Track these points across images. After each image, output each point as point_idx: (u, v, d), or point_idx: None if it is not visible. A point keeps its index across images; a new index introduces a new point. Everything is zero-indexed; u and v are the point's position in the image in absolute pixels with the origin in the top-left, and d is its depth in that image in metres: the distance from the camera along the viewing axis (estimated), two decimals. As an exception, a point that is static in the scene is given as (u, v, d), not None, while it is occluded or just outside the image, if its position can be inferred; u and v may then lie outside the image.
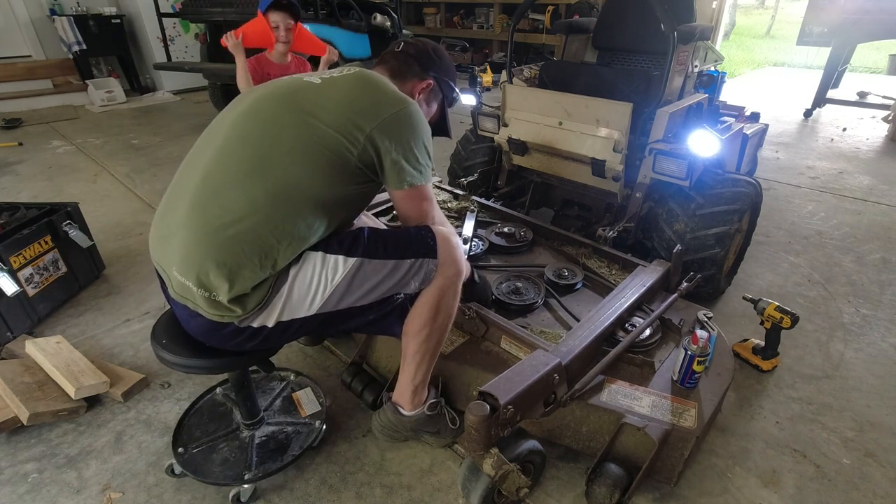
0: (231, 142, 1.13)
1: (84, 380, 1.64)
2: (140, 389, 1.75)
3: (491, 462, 1.17)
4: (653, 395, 1.42)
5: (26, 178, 3.71)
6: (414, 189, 1.21)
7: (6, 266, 1.91)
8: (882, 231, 2.95)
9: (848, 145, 4.53)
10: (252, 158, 1.10)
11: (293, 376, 1.71)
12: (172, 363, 1.19)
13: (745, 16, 16.02)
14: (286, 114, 1.13)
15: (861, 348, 1.99)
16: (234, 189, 1.08)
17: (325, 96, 1.15)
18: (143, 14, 6.03)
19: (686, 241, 1.98)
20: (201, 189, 1.09)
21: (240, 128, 1.14)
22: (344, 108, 1.13)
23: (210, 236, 1.06)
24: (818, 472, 1.48)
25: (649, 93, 2.17)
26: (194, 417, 1.57)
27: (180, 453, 1.44)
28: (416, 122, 1.19)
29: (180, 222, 1.10)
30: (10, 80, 5.64)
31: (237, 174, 1.09)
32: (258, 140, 1.11)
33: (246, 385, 1.43)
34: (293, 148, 1.09)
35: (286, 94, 1.17)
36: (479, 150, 2.79)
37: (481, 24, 7.76)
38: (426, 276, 1.25)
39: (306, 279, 1.14)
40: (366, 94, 1.17)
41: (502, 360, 1.52)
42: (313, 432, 1.51)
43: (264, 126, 1.13)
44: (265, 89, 1.21)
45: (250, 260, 1.06)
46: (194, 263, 1.07)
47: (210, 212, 1.07)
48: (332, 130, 1.11)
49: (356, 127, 1.11)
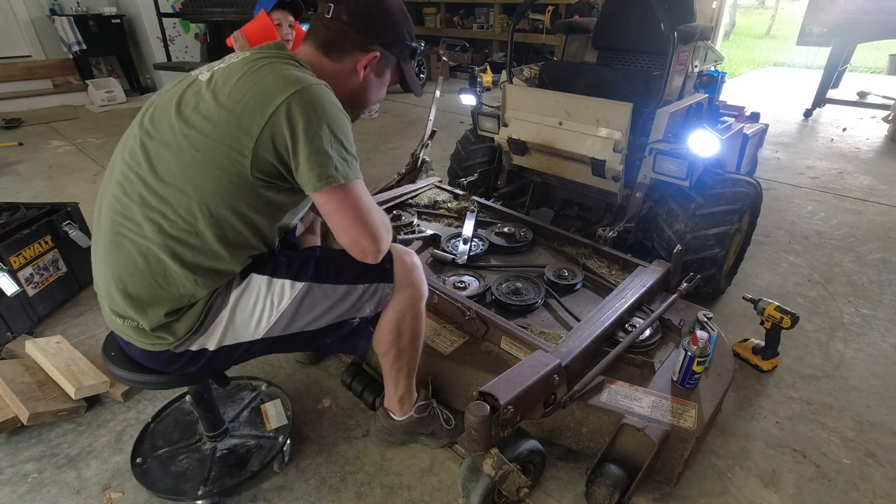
0: (127, 164, 1.03)
1: (84, 380, 1.64)
2: (140, 389, 1.75)
3: (491, 462, 1.17)
4: (653, 395, 1.42)
5: (26, 178, 3.71)
6: (336, 189, 0.99)
7: (6, 266, 1.91)
8: (882, 231, 2.95)
9: (848, 145, 4.53)
10: (145, 185, 0.99)
11: (265, 386, 1.67)
12: (123, 378, 1.13)
13: (745, 16, 16.02)
14: (167, 132, 1.00)
15: (861, 348, 1.99)
16: (134, 218, 1.00)
17: (206, 99, 0.99)
18: (143, 14, 6.03)
19: (686, 241, 1.97)
20: (109, 217, 1.03)
21: (132, 148, 1.04)
22: (226, 113, 0.96)
23: (121, 268, 1.01)
24: (818, 472, 1.48)
25: (649, 93, 2.17)
26: (160, 425, 1.53)
27: (138, 463, 1.40)
28: (316, 107, 0.97)
29: (99, 251, 1.05)
30: (10, 80, 5.64)
31: (134, 202, 1.00)
32: (147, 163, 1.00)
33: (206, 398, 1.38)
34: (180, 171, 0.97)
35: (171, 106, 1.02)
36: (479, 150, 2.78)
37: (481, 24, 7.75)
38: (381, 300, 1.18)
39: (249, 304, 1.07)
40: (250, 87, 0.97)
41: (502, 361, 1.52)
42: (275, 448, 1.44)
43: (152, 145, 1.01)
44: (160, 98, 1.08)
45: (162, 290, 1.00)
46: (113, 294, 1.02)
47: (117, 242, 1.01)
48: (214, 142, 0.96)
49: (243, 132, 0.95)
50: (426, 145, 2.69)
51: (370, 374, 1.69)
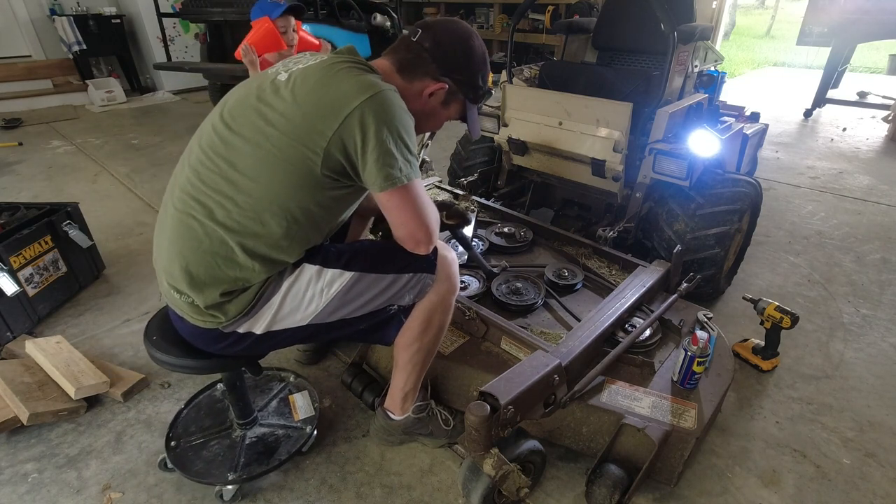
0: (204, 151, 1.10)
1: (84, 380, 1.64)
2: (140, 389, 1.75)
3: (491, 462, 1.17)
4: (653, 395, 1.42)
5: (26, 178, 3.71)
6: (400, 189, 1.06)
7: (6, 266, 1.91)
8: (882, 231, 2.95)
9: (848, 145, 4.53)
10: (220, 173, 1.07)
11: (293, 377, 1.71)
12: (162, 361, 1.20)
13: (745, 16, 16.03)
14: (247, 126, 1.07)
15: (861, 348, 1.99)
16: (205, 202, 1.07)
17: (286, 98, 1.05)
18: (143, 14, 6.03)
19: (686, 241, 1.97)
20: (181, 199, 1.10)
21: (210, 137, 1.11)
22: (302, 112, 1.03)
23: (185, 246, 1.07)
24: (818, 472, 1.48)
25: (649, 93, 2.17)
26: (192, 411, 1.58)
27: (172, 447, 1.45)
28: (387, 113, 1.03)
29: (166, 229, 1.12)
30: (10, 80, 5.63)
31: (208, 187, 1.07)
32: (224, 153, 1.07)
33: (238, 385, 1.42)
34: (254, 163, 1.04)
35: (251, 101, 1.09)
36: (479, 150, 2.79)
37: (481, 24, 7.76)
38: (422, 290, 1.24)
39: (300, 292, 1.13)
40: (327, 90, 1.04)
41: (502, 361, 1.52)
42: (303, 437, 1.50)
43: (230, 137, 1.08)
44: (237, 93, 1.15)
45: (220, 272, 1.06)
46: (174, 270, 1.09)
47: (186, 223, 1.08)
48: (290, 140, 1.02)
49: (317, 132, 1.01)
50: (426, 145, 2.70)
51: (370, 374, 1.69)
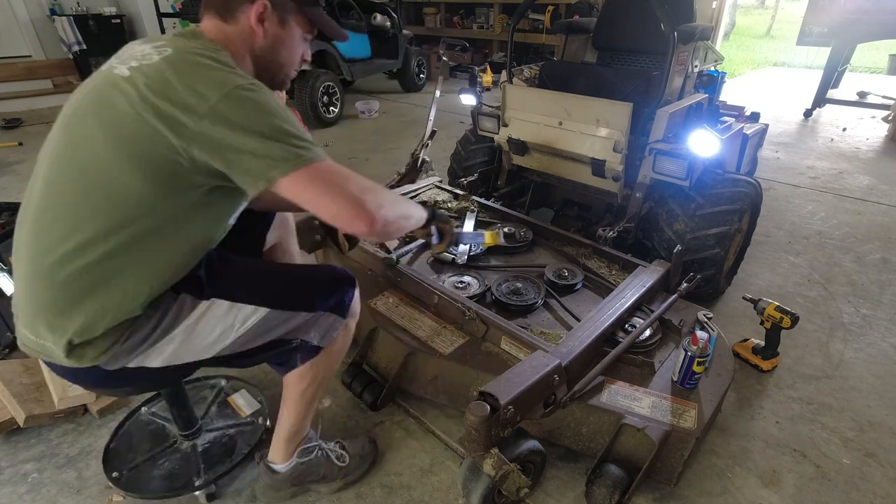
0: (52, 166, 0.96)
1: (71, 389, 1.60)
2: (119, 407, 1.67)
3: (491, 462, 1.17)
4: (653, 395, 1.42)
5: (26, 178, 3.66)
6: (304, 170, 0.88)
7: (6, 266, 1.91)
8: (882, 231, 2.95)
9: (848, 145, 4.53)
10: (74, 186, 0.92)
11: (224, 382, 1.69)
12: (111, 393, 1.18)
13: (745, 16, 16.04)
14: (95, 128, 0.92)
15: (861, 348, 1.99)
16: (64, 222, 0.91)
17: (129, 97, 0.90)
18: (143, 14, 6.04)
19: (686, 241, 1.97)
20: (34, 227, 0.95)
21: (56, 149, 0.97)
22: (149, 114, 0.87)
23: (47, 277, 0.92)
24: (818, 472, 1.48)
25: (649, 93, 2.17)
26: (122, 441, 1.51)
27: (115, 478, 1.38)
28: (252, 103, 0.89)
29: (19, 266, 0.97)
30: (10, 80, 5.63)
31: (63, 205, 0.92)
32: (71, 163, 0.94)
33: (181, 396, 1.39)
34: (112, 172, 0.89)
35: (94, 103, 0.95)
36: (479, 150, 2.79)
37: (481, 24, 7.76)
38: (330, 330, 1.21)
39: (208, 327, 1.05)
40: (173, 87, 0.88)
41: (502, 361, 1.52)
42: (258, 429, 1.52)
43: (75, 146, 0.94)
44: (77, 96, 1.00)
45: (94, 298, 0.92)
46: (34, 310, 0.95)
47: (43, 250, 0.92)
48: (144, 140, 0.88)
49: (172, 135, 0.87)
50: (426, 145, 2.69)
51: (370, 375, 1.69)
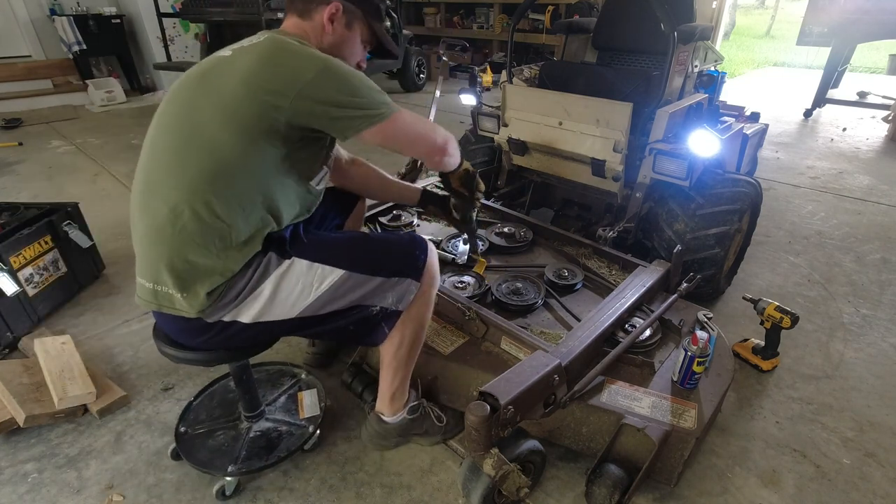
0: (158, 134, 1.11)
1: (70, 389, 1.61)
2: (119, 406, 1.68)
3: (491, 462, 1.17)
4: (653, 395, 1.42)
5: (26, 178, 3.71)
6: (383, 124, 1.09)
7: (6, 266, 1.91)
8: (882, 231, 2.95)
9: (848, 145, 4.53)
10: (177, 147, 1.06)
11: (304, 374, 1.73)
12: (169, 354, 1.22)
13: (745, 16, 16.03)
14: (201, 97, 1.07)
15: (861, 348, 1.99)
16: (169, 182, 1.05)
17: (233, 71, 1.06)
18: (143, 14, 6.03)
19: (686, 241, 1.97)
20: (144, 189, 1.09)
21: (163, 118, 1.12)
22: (253, 84, 1.03)
23: (159, 233, 1.06)
24: (818, 472, 1.49)
25: (649, 93, 2.17)
26: (206, 399, 1.62)
27: (182, 432, 1.49)
28: (341, 75, 1.06)
29: (136, 225, 1.11)
30: (10, 80, 5.64)
31: (169, 166, 1.06)
32: (178, 127, 1.08)
33: (245, 378, 1.44)
34: (213, 128, 1.04)
35: (199, 76, 1.11)
36: (479, 150, 2.78)
37: (481, 24, 7.76)
38: (406, 293, 1.24)
39: (290, 284, 1.14)
40: (273, 66, 1.05)
41: (502, 361, 1.52)
42: (304, 436, 1.51)
43: (181, 112, 1.09)
44: (185, 75, 1.16)
45: (203, 249, 1.05)
46: (152, 264, 1.08)
47: (154, 210, 1.06)
48: (247, 103, 1.03)
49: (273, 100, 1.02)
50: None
51: (370, 375, 1.69)
